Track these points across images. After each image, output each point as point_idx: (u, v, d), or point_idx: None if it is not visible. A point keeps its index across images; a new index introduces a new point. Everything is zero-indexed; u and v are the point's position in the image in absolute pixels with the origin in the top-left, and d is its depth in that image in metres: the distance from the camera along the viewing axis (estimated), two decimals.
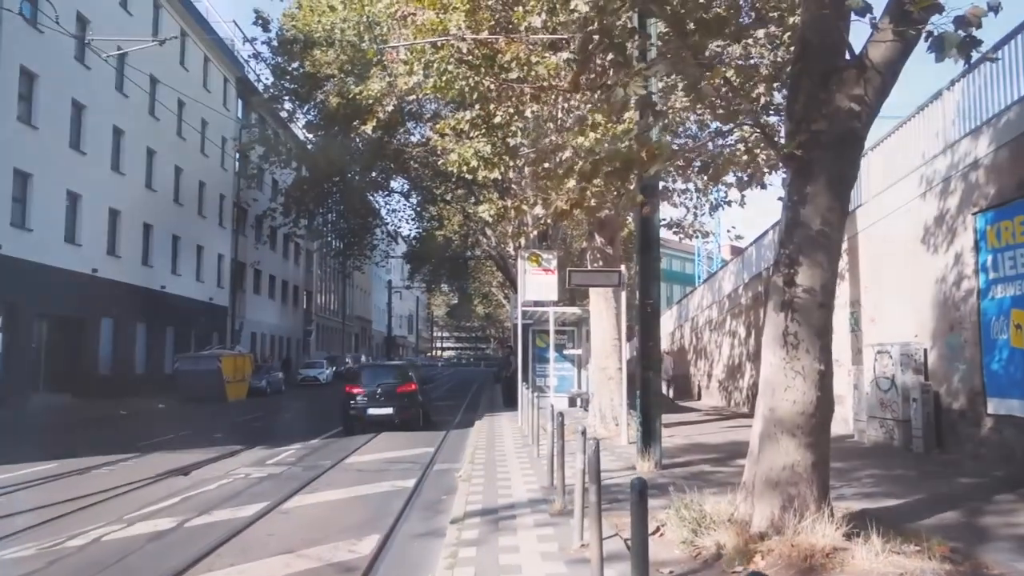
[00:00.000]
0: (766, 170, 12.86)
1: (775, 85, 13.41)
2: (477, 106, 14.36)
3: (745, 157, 11.73)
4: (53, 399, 25.12)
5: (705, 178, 14.71)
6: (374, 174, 31.72)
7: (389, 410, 17.83)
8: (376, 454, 14.03)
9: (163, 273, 33.86)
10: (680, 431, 15.56)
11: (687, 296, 35.44)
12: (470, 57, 13.71)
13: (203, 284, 38.27)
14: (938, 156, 12.15)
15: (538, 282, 16.81)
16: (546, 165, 14.82)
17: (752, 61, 12.66)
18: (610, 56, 6.00)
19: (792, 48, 12.10)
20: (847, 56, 6.34)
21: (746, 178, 7.96)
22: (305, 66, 29.02)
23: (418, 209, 38.45)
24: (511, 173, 16.98)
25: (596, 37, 6.99)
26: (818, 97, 6.25)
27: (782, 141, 6.97)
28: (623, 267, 14.84)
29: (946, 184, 11.85)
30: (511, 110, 14.15)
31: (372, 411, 17.79)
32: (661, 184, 12.62)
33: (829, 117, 6.21)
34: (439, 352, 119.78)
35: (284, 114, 34.96)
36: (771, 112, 13.41)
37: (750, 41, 12.38)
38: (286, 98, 32.45)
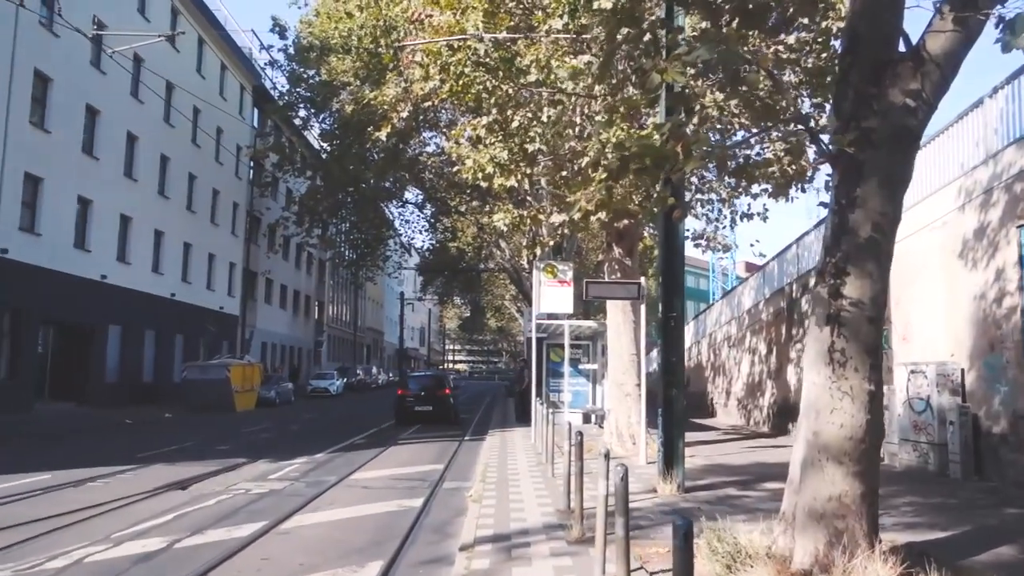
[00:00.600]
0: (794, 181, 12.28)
1: (806, 92, 12.89)
2: (494, 111, 13.89)
3: (775, 167, 11.18)
4: (58, 407, 24.75)
5: (732, 184, 14.14)
6: (388, 184, 31.31)
7: (430, 407, 23.42)
8: (383, 470, 13.47)
9: (173, 281, 33.55)
10: (700, 451, 14.92)
11: (704, 312, 34.79)
12: (488, 60, 13.26)
13: (214, 292, 37.95)
14: (979, 167, 11.55)
15: (553, 294, 16.26)
16: (564, 173, 14.37)
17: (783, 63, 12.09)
18: (645, 39, 5.45)
19: (823, 55, 11.65)
20: (901, 47, 5.81)
21: (781, 183, 7.44)
22: (321, 74, 28.78)
23: (432, 220, 38.02)
24: (527, 184, 16.51)
25: (624, 30, 6.51)
26: (869, 92, 5.71)
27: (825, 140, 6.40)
28: (642, 279, 14.26)
29: (987, 196, 11.24)
30: (529, 115, 13.67)
31: (418, 408, 23.39)
32: (685, 194, 12.06)
33: (881, 114, 5.66)
34: (451, 365, 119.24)
35: (299, 122, 34.75)
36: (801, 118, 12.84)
37: (780, 48, 11.85)
38: (301, 106, 32.21)
